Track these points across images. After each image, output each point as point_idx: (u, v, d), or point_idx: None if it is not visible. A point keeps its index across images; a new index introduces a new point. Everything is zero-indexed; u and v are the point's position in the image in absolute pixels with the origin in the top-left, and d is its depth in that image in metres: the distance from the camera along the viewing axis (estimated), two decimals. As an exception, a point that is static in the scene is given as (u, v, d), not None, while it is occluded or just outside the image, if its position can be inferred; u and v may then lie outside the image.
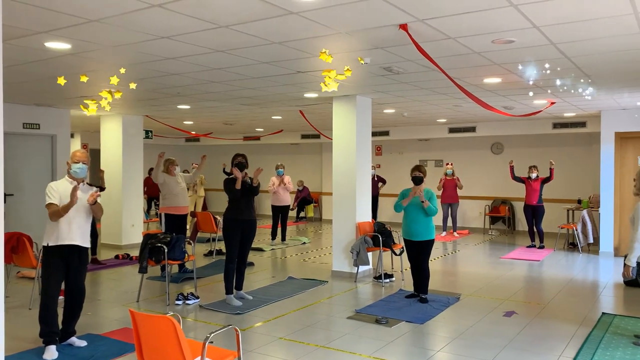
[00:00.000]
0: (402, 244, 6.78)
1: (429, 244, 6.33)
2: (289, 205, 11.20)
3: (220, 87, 7.15)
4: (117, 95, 6.50)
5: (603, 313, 5.88)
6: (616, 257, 9.27)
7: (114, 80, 5.91)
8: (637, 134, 9.33)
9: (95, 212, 4.76)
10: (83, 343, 4.79)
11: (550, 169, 10.18)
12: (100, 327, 5.35)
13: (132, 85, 6.34)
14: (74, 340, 4.79)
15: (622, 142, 9.52)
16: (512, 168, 10.61)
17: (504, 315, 5.83)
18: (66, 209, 4.46)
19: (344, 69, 5.20)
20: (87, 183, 4.88)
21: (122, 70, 5.76)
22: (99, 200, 4.68)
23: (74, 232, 4.60)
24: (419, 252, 6.34)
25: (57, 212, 4.48)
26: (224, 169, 13.33)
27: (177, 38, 4.60)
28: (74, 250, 4.65)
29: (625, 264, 4.76)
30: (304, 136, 14.83)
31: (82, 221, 4.69)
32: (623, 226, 9.39)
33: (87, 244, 4.75)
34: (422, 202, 6.18)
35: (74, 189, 4.43)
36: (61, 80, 5.94)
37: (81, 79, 5.99)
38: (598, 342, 4.89)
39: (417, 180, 6.37)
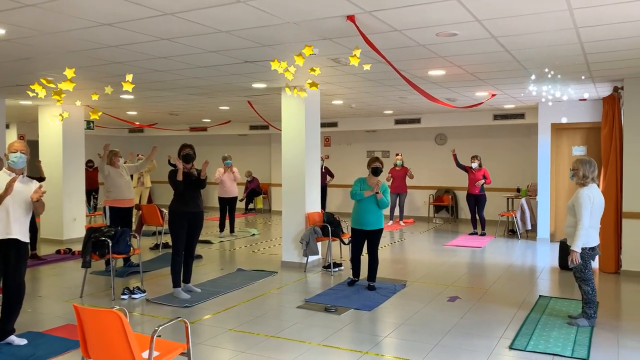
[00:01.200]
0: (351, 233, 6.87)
1: (380, 232, 6.52)
2: (237, 197, 11.11)
3: (165, 76, 6.99)
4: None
5: (540, 296, 6.18)
6: (552, 243, 9.74)
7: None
8: (571, 125, 9.80)
9: (37, 207, 4.59)
10: (23, 341, 4.60)
11: (482, 184, 10.60)
12: (42, 324, 5.16)
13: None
14: (13, 338, 4.60)
15: (557, 133, 9.98)
16: (455, 156, 10.94)
17: (448, 300, 6.03)
18: (0, 199, 4.27)
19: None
20: (27, 175, 4.70)
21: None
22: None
23: (12, 225, 4.43)
24: (370, 241, 6.48)
25: None
26: (169, 160, 13.04)
27: (120, 25, 4.46)
28: (12, 244, 4.46)
29: (572, 251, 4.91)
30: (252, 127, 14.72)
31: (22, 215, 4.50)
32: (559, 213, 9.87)
33: (26, 238, 4.57)
34: (377, 193, 6.32)
35: (12, 180, 4.26)
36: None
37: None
38: (535, 324, 5.14)
39: (378, 172, 6.52)
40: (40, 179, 7.68)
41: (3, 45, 5.16)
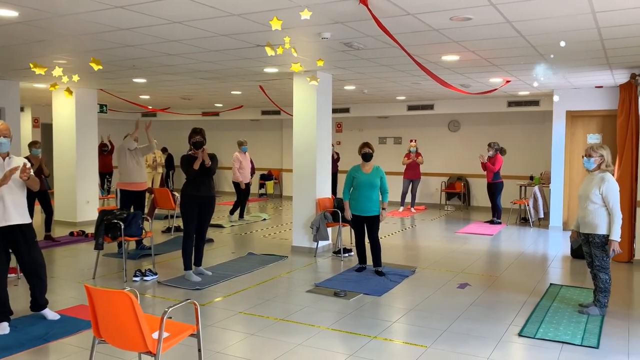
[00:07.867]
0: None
1: (378, 218, 6.53)
2: (251, 183, 11.14)
3: (177, 60, 6.99)
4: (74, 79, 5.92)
5: (551, 284, 6.15)
6: (565, 231, 9.66)
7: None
8: (586, 113, 9.66)
9: (30, 185, 4.53)
10: (56, 316, 4.78)
11: (482, 163, 10.52)
12: (55, 304, 5.23)
13: (96, 67, 5.62)
14: (47, 312, 4.79)
15: (572, 121, 9.85)
16: (482, 164, 10.68)
17: (457, 287, 6.02)
18: None
19: (285, 44, 4.89)
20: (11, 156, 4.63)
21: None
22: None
23: (9, 211, 4.41)
24: (369, 227, 6.50)
25: None
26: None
27: (132, 8, 4.45)
28: (15, 230, 4.47)
29: (613, 241, 4.78)
30: (264, 112, 14.71)
31: (17, 198, 4.48)
32: (572, 202, 9.77)
33: (27, 219, 4.56)
34: (382, 212, 6.47)
35: (10, 171, 4.26)
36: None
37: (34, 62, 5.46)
38: (546, 311, 5.12)
39: (367, 157, 6.53)
40: (40, 170, 7.61)
41: (17, 28, 5.19)
